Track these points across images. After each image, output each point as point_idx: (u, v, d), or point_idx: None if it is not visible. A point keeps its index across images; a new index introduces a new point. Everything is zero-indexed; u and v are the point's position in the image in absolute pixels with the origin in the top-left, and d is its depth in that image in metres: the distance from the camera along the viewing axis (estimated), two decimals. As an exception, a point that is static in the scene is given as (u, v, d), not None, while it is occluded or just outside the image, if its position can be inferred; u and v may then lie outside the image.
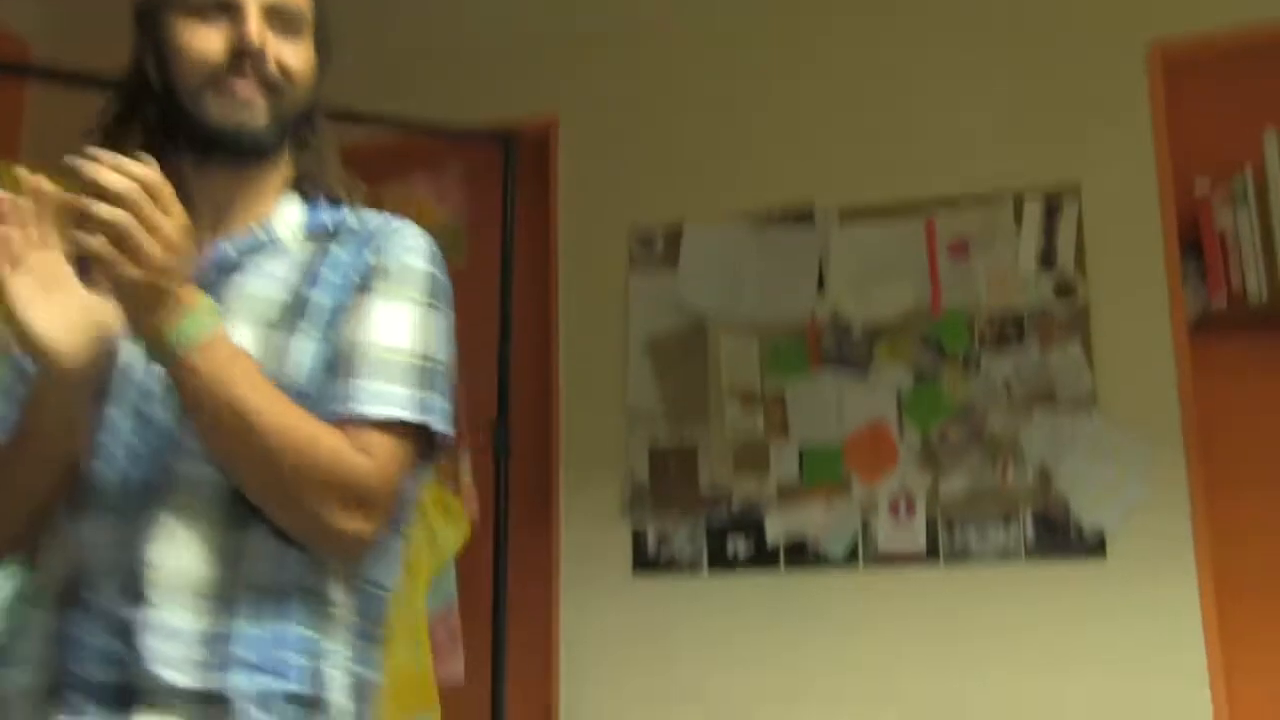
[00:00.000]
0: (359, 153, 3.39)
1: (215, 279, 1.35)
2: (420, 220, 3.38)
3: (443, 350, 1.40)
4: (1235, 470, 3.10)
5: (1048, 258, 3.12)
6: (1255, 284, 2.96)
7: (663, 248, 3.37)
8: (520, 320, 3.21)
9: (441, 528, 3.01)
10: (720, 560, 3.19)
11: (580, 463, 3.34)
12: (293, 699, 1.28)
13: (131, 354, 1.30)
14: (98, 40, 3.85)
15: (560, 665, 3.26)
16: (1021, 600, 3.01)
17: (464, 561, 3.06)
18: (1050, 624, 2.98)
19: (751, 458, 3.21)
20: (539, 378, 3.45)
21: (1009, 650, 3.01)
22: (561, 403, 3.40)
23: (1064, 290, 3.10)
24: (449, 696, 2.99)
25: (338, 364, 1.33)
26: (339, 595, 1.34)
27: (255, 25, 1.36)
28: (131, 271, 1.17)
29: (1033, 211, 3.14)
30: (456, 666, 3.04)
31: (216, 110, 1.36)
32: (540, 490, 3.36)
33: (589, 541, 3.29)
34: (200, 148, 1.39)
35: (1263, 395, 3.13)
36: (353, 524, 1.29)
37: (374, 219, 1.45)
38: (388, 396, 1.32)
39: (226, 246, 1.39)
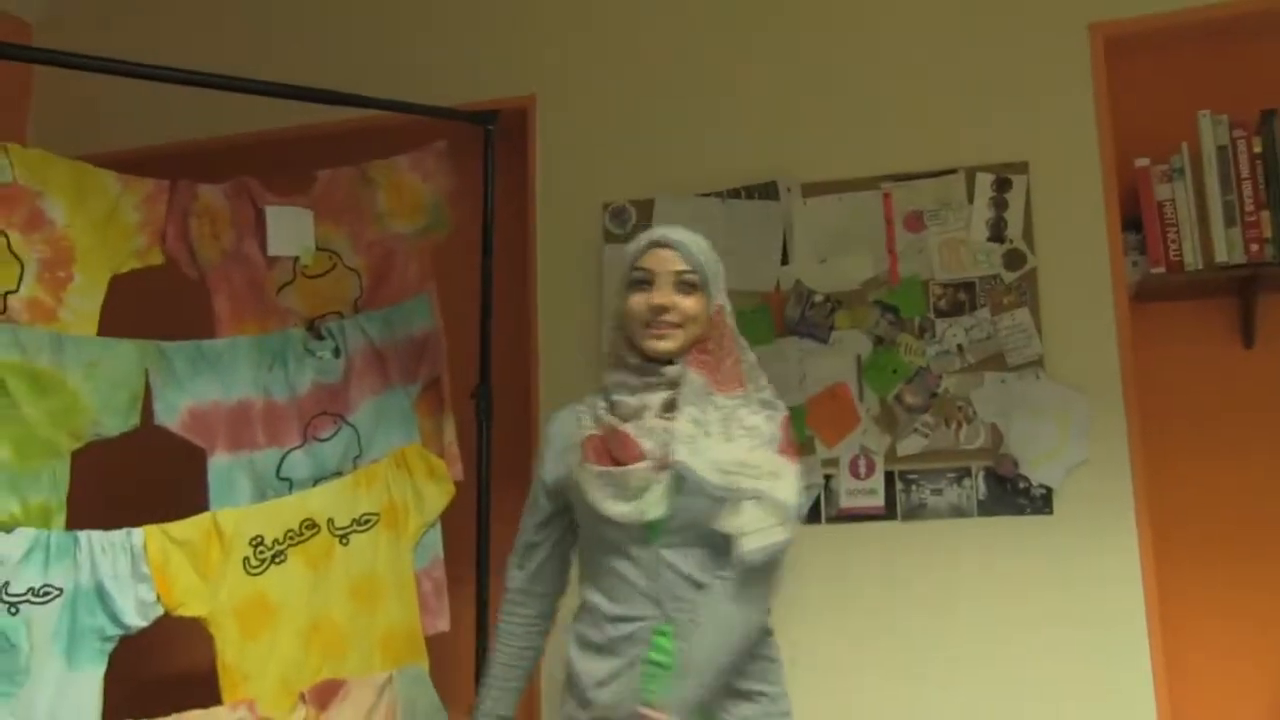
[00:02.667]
0: (348, 132, 3.47)
1: None
2: (405, 196, 3.34)
3: None
4: (1171, 429, 3.15)
5: (998, 230, 3.14)
6: (1191, 254, 2.99)
7: (635, 221, 3.38)
8: (501, 290, 3.22)
9: (427, 488, 3.06)
10: (690, 519, 3.25)
11: (558, 426, 3.39)
12: None
13: None
14: (98, 25, 3.97)
15: (540, 616, 3.32)
16: (974, 553, 3.06)
17: (449, 520, 3.09)
18: (1001, 575, 3.03)
19: (719, 422, 3.27)
20: (519, 345, 3.45)
21: (962, 600, 3.04)
22: (540, 369, 3.41)
23: (1013, 260, 3.13)
24: (436, 647, 3.03)
25: None
26: None
27: None
28: None
29: (984, 186, 3.16)
30: (442, 618, 3.07)
31: None
32: (520, 452, 3.32)
33: (567, 501, 3.33)
34: None
35: (1198, 358, 3.18)
36: None
37: None
38: None
39: None
